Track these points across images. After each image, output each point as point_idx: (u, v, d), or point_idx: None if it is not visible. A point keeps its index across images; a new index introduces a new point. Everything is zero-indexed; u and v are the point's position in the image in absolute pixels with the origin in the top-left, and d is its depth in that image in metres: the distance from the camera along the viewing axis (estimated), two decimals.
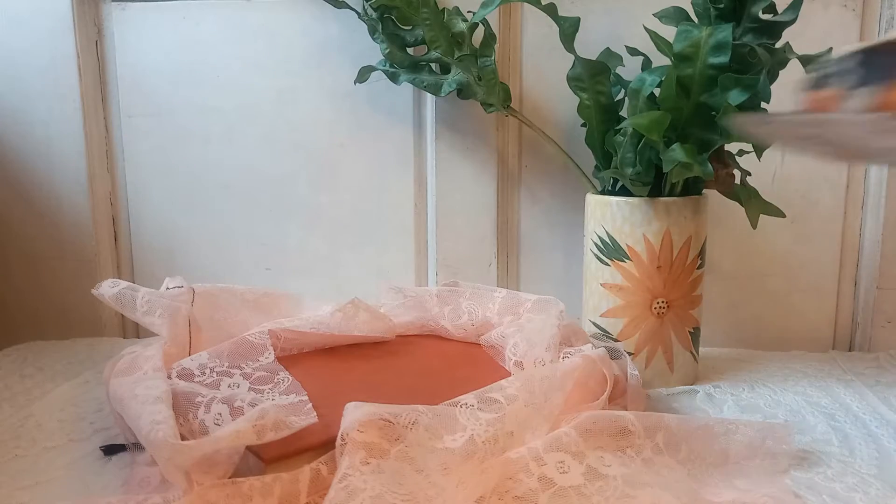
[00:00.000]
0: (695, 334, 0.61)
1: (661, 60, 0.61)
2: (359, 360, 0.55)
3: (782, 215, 0.59)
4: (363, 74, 0.69)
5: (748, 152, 0.60)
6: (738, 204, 0.59)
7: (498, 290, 0.61)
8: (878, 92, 0.39)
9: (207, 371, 0.48)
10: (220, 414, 0.42)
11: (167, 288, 0.57)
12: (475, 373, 0.53)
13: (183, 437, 0.39)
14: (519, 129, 0.74)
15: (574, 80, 0.62)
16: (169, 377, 0.48)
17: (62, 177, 0.74)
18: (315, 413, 0.40)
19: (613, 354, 0.53)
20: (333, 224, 0.76)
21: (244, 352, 0.52)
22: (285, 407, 0.39)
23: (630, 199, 0.58)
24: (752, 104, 0.53)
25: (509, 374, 0.50)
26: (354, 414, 0.38)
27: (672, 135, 0.55)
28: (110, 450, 0.48)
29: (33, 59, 0.72)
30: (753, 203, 0.59)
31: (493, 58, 0.65)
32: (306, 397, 0.45)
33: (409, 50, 0.68)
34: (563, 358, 0.50)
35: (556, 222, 0.75)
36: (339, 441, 0.38)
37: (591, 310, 0.62)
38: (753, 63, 0.53)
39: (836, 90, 0.40)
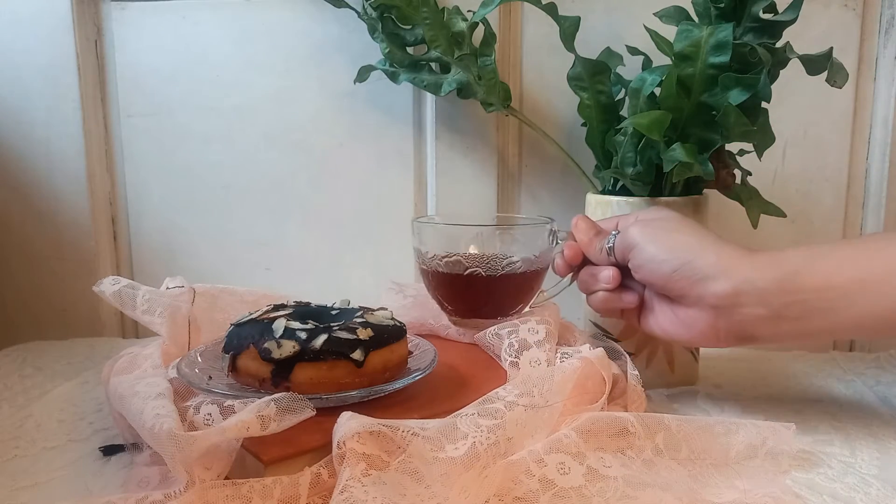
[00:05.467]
0: None
1: (661, 60, 0.61)
2: None
3: (783, 215, 0.59)
4: (363, 74, 0.69)
5: (749, 152, 0.60)
6: (738, 203, 0.59)
7: None
8: (232, 358, 0.46)
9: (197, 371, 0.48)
10: (209, 415, 0.42)
11: (167, 288, 0.57)
12: (474, 374, 0.53)
13: None
14: (519, 128, 0.74)
15: (574, 80, 0.62)
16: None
17: (62, 177, 0.74)
18: (311, 405, 0.40)
19: (613, 355, 0.53)
20: (333, 224, 0.76)
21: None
22: (283, 402, 0.39)
23: (631, 199, 0.58)
24: (753, 103, 0.53)
25: (506, 374, 0.50)
26: (350, 424, 0.38)
27: (672, 134, 0.55)
28: (109, 450, 0.47)
29: (33, 59, 0.72)
30: (754, 203, 0.58)
31: (493, 57, 0.65)
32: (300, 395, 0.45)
33: (409, 49, 0.67)
34: (560, 359, 0.50)
35: (557, 222, 0.74)
36: (335, 448, 0.38)
37: (592, 309, 0.61)
38: (754, 62, 0.53)
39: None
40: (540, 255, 0.55)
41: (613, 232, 0.52)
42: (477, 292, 0.54)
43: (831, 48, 0.54)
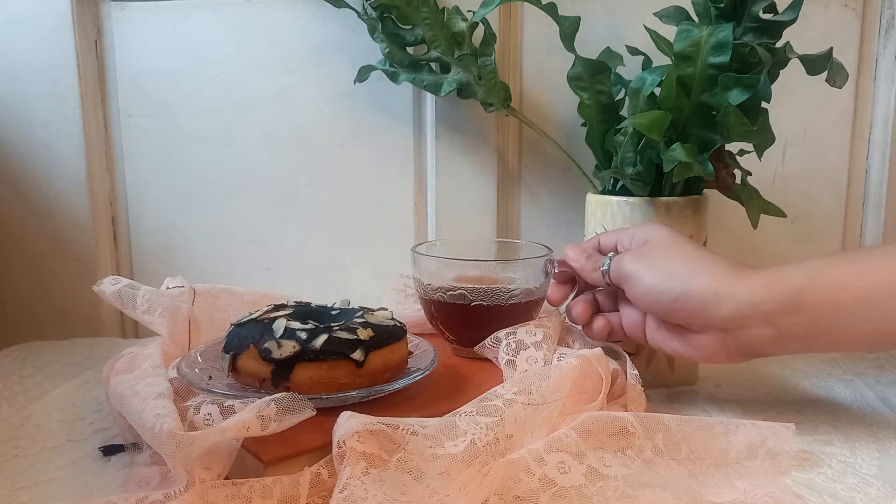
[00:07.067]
0: None
1: (661, 60, 0.61)
2: None
3: (783, 215, 0.59)
4: (363, 74, 0.69)
5: (749, 152, 0.60)
6: (738, 204, 0.59)
7: None
8: (232, 358, 0.46)
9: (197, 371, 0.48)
10: (209, 415, 0.42)
11: (167, 287, 0.57)
12: (474, 375, 0.53)
13: None
14: (519, 128, 0.74)
15: (574, 80, 0.62)
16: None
17: (61, 177, 0.74)
18: (311, 405, 0.40)
19: (613, 355, 0.53)
20: (333, 224, 0.76)
21: None
22: (283, 402, 0.39)
23: (630, 199, 0.58)
24: (753, 103, 0.53)
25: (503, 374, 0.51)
26: (350, 423, 0.38)
27: (672, 134, 0.55)
28: (109, 450, 0.47)
29: (33, 59, 0.72)
30: (754, 203, 0.58)
31: (493, 57, 0.65)
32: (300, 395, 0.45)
33: (409, 49, 0.67)
34: (558, 358, 0.50)
35: (557, 222, 0.75)
36: (335, 447, 0.38)
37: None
38: (754, 63, 0.53)
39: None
40: (540, 286, 0.56)
41: (610, 255, 0.52)
42: (480, 322, 0.54)
43: (831, 48, 0.54)
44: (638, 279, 0.49)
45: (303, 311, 0.50)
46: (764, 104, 0.54)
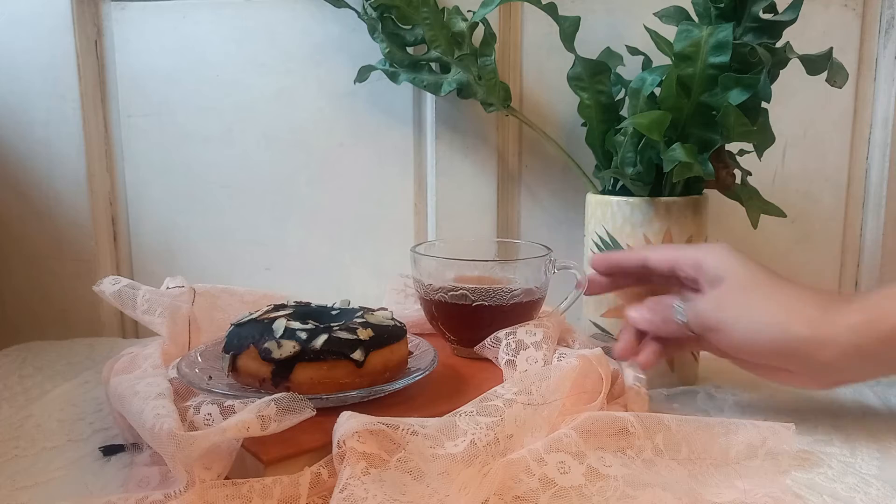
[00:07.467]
0: None
1: (661, 60, 0.61)
2: None
3: (783, 215, 0.59)
4: (363, 74, 0.69)
5: (749, 152, 0.60)
6: (738, 203, 0.59)
7: None
8: (232, 358, 0.46)
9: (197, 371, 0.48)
10: (209, 415, 0.42)
11: (167, 287, 0.57)
12: (474, 375, 0.53)
13: None
14: (519, 128, 0.74)
15: (574, 80, 0.62)
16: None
17: (61, 177, 0.74)
18: (311, 405, 0.40)
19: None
20: (333, 224, 0.76)
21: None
22: (283, 402, 0.39)
23: (630, 199, 0.58)
24: (753, 103, 0.53)
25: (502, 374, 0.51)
26: (350, 423, 0.38)
27: (673, 134, 0.55)
28: (109, 450, 0.47)
29: (33, 59, 0.72)
30: (754, 203, 0.58)
31: (493, 57, 0.65)
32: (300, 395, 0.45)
33: (409, 49, 0.67)
34: (558, 358, 0.50)
35: (557, 222, 0.75)
36: (335, 447, 0.38)
37: (592, 309, 0.62)
38: (754, 62, 0.53)
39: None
40: (540, 286, 0.55)
41: (678, 304, 0.50)
42: (481, 323, 0.54)
43: (831, 48, 0.54)
44: (727, 332, 0.47)
45: (303, 311, 0.50)
46: (764, 104, 0.54)
